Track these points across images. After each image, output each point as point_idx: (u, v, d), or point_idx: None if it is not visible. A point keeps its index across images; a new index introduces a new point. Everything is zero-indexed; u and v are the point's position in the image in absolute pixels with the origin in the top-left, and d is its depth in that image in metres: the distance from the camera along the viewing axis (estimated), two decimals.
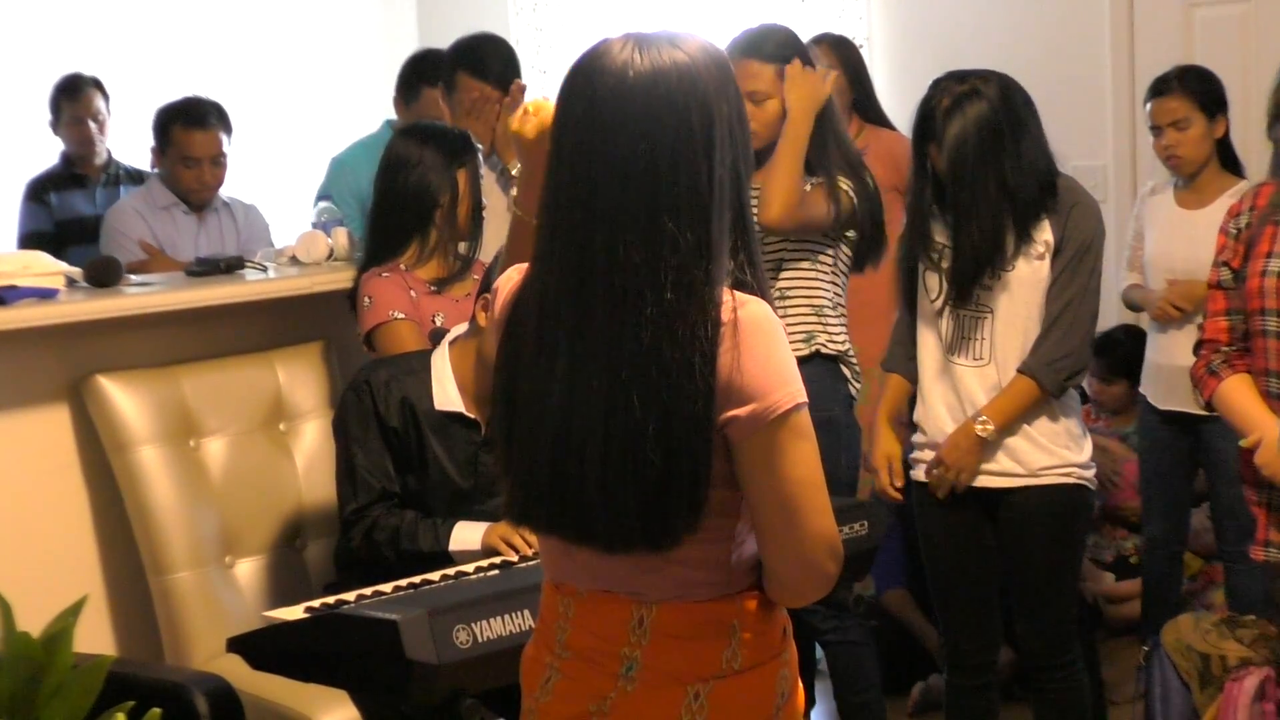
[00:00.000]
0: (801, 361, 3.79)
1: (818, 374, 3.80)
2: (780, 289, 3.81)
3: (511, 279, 2.15)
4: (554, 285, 2.01)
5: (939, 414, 3.73)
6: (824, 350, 3.85)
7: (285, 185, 6.49)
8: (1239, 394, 3.36)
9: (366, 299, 3.90)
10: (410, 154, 3.89)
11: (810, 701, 4.32)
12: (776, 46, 3.85)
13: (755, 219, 2.14)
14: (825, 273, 3.87)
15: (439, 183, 3.86)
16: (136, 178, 5.81)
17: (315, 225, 4.46)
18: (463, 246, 3.94)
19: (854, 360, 3.93)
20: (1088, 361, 3.70)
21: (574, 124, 2.01)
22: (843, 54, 5.05)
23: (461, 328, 3.57)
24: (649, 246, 1.95)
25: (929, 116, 3.63)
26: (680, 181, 1.96)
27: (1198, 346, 3.50)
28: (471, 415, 3.54)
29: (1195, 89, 4.48)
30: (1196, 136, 4.44)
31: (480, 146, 4.03)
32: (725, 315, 1.97)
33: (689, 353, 1.94)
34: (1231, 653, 3.94)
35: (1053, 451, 3.66)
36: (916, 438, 3.84)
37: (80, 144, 5.80)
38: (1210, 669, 3.96)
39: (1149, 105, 4.55)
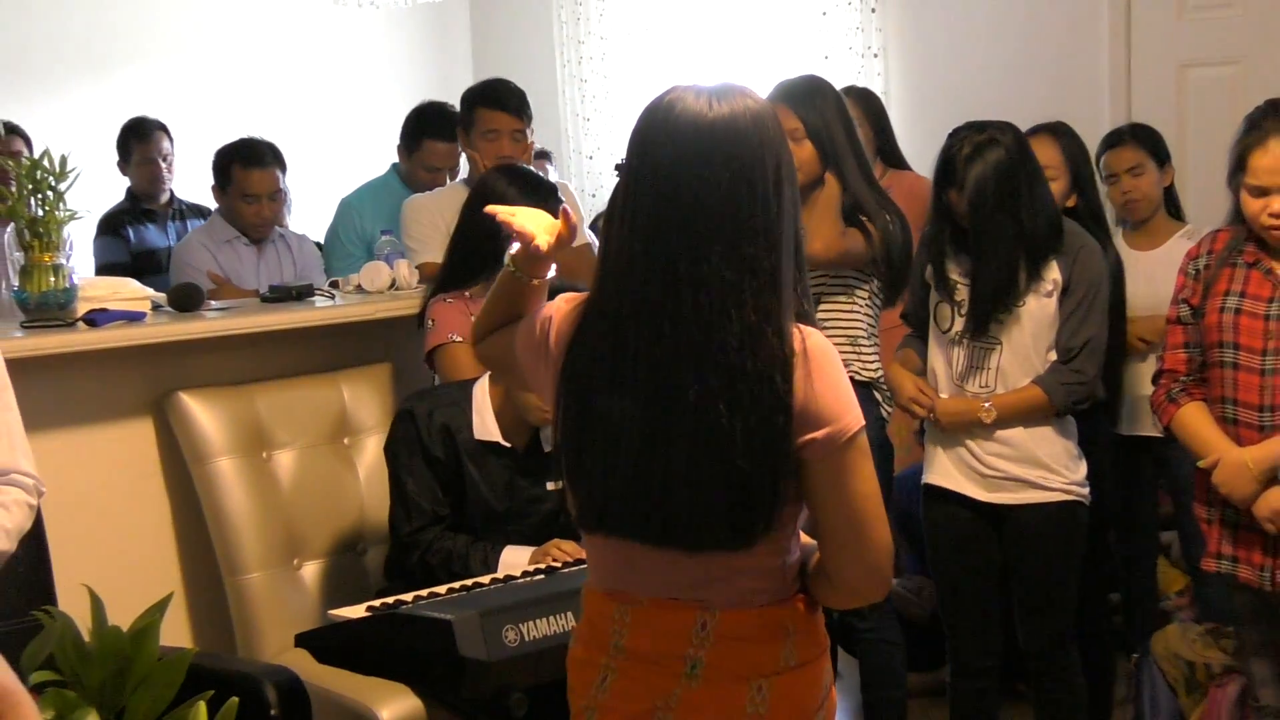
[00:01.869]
0: None
1: None
2: (820, 320, 3.82)
3: (560, 309, 2.17)
4: (632, 302, 2.02)
5: (949, 435, 3.76)
6: (857, 377, 3.86)
7: None
8: (1196, 420, 3.45)
9: (430, 321, 3.93)
10: (495, 190, 3.77)
11: None
12: (812, 101, 3.82)
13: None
14: (861, 305, 3.87)
15: None
16: (198, 212, 5.88)
17: (378, 256, 4.52)
18: None
19: (885, 385, 3.95)
20: (1096, 391, 3.74)
21: (656, 154, 2.02)
22: (867, 105, 5.07)
23: None
24: (732, 266, 1.98)
25: (950, 163, 3.65)
26: (756, 210, 2.00)
27: (1157, 376, 3.56)
28: (507, 445, 3.54)
29: (1146, 141, 4.54)
30: (1150, 182, 4.49)
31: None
32: (796, 345, 2.01)
33: (769, 369, 1.98)
34: (1216, 661, 3.95)
35: (1058, 472, 3.70)
36: (927, 453, 3.87)
37: (151, 182, 5.88)
38: (1196, 676, 3.98)
39: (1104, 157, 4.57)
